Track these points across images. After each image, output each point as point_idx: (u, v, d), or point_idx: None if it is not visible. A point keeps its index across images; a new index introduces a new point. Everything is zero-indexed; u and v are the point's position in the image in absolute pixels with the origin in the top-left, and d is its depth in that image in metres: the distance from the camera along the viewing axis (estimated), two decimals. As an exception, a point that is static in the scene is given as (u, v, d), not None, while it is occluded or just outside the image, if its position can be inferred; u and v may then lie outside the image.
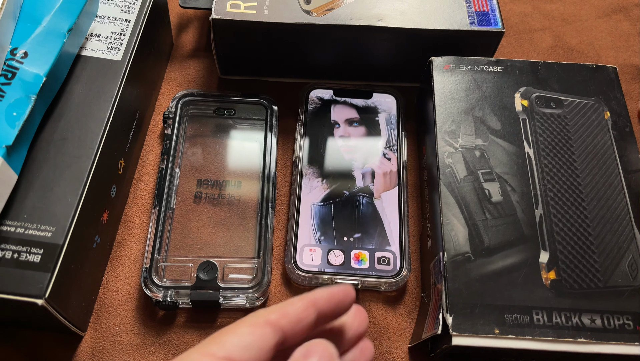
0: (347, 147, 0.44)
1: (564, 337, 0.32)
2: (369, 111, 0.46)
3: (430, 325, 0.35)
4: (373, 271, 0.38)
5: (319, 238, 0.40)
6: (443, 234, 0.35)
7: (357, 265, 0.39)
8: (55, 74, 0.35)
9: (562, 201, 0.37)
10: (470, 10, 0.43)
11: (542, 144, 0.39)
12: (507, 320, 0.33)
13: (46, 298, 0.30)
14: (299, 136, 0.44)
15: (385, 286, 0.38)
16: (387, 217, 0.41)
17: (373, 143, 0.44)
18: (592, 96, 0.41)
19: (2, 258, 0.31)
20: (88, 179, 0.34)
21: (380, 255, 0.39)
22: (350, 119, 0.45)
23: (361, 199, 0.41)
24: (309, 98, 0.46)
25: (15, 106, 0.32)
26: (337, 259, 0.39)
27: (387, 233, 0.40)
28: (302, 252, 0.39)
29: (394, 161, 0.43)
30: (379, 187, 0.42)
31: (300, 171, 0.42)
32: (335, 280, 0.38)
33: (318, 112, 0.45)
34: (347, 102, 0.46)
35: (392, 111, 0.45)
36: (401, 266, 0.39)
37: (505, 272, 0.34)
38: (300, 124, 0.44)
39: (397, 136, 0.44)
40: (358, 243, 0.39)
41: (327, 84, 0.47)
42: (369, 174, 0.42)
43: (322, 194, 0.41)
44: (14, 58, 0.33)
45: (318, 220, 0.40)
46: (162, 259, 0.38)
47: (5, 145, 0.31)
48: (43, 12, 0.35)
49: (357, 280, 0.38)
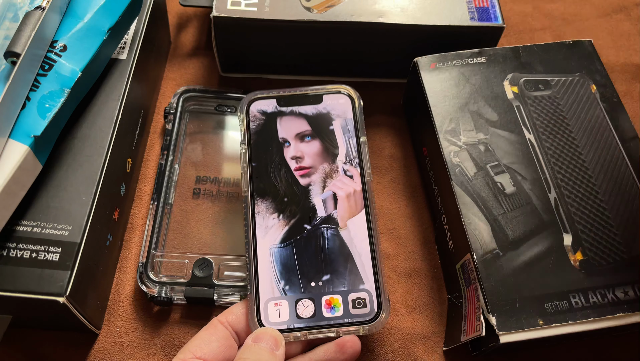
0: (301, 169, 0.38)
1: (604, 315, 0.33)
2: (321, 119, 0.39)
3: (470, 327, 0.35)
4: (348, 318, 0.34)
5: (284, 289, 0.34)
6: (467, 234, 0.35)
7: (329, 313, 0.34)
8: (90, 72, 0.35)
9: (572, 181, 0.37)
10: (471, 6, 0.43)
11: (540, 128, 0.39)
12: (547, 309, 0.33)
13: (67, 295, 0.31)
14: (244, 165, 0.38)
15: (365, 331, 0.34)
16: (356, 249, 0.35)
17: (330, 159, 0.38)
18: (575, 72, 0.42)
19: (21, 257, 0.31)
20: (100, 178, 0.35)
21: (354, 297, 0.34)
22: (300, 133, 0.39)
23: (325, 232, 0.36)
24: (250, 114, 0.39)
25: (49, 98, 0.33)
26: (306, 311, 0.34)
27: (359, 269, 0.35)
28: (266, 308, 0.34)
29: (357, 178, 0.37)
30: (344, 213, 0.36)
31: (251, 209, 0.36)
32: (308, 336, 0.33)
33: (262, 131, 0.39)
34: (295, 112, 0.39)
35: (347, 115, 0.39)
36: (379, 307, 0.34)
37: (535, 261, 0.35)
38: (244, 150, 0.38)
39: (356, 146, 0.38)
40: (328, 287, 0.34)
41: (267, 94, 0.40)
42: (331, 199, 0.37)
43: (280, 233, 0.36)
44: (53, 51, 0.34)
45: (280, 267, 0.35)
46: (159, 255, 0.38)
47: (34, 135, 0.31)
48: (86, 8, 0.36)
49: (333, 331, 0.33)
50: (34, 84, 0.33)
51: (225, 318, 0.34)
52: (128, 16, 0.38)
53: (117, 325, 0.37)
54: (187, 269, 0.38)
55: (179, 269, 0.38)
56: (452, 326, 0.38)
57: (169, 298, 0.37)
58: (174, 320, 0.38)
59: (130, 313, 0.38)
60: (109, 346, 0.37)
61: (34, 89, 0.33)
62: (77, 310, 0.32)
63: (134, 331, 0.37)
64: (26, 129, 0.31)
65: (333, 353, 0.34)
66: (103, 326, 0.37)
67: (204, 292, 0.37)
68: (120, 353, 0.37)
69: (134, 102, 0.40)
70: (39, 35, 0.33)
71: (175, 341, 0.37)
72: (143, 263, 0.37)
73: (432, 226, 0.43)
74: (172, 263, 0.38)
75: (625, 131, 0.39)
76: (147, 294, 0.37)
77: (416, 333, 0.38)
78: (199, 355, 0.31)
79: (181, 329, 0.38)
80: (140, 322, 0.38)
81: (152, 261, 0.38)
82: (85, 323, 0.34)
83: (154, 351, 0.37)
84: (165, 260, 0.38)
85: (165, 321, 0.38)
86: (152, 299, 0.37)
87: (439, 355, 0.38)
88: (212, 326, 0.33)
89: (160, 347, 0.37)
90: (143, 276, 0.37)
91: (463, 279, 0.37)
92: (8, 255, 0.31)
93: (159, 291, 0.37)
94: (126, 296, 0.39)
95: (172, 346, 0.37)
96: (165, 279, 0.37)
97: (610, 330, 0.34)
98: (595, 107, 0.40)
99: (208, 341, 0.32)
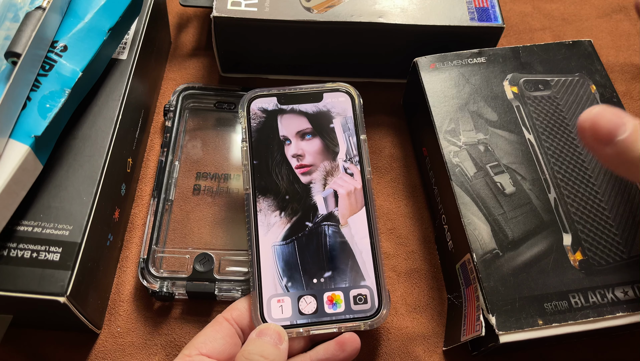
0: (302, 167, 0.38)
1: (603, 315, 0.33)
2: (321, 117, 0.40)
3: (470, 327, 0.35)
4: (350, 314, 0.34)
5: (286, 285, 0.35)
6: (467, 234, 0.35)
7: (331, 310, 0.35)
8: (91, 72, 0.36)
9: (571, 181, 0.37)
10: (470, 6, 0.43)
11: (540, 128, 0.39)
12: (547, 309, 0.33)
13: (67, 295, 0.31)
14: (246, 162, 0.38)
15: (366, 326, 0.34)
16: (357, 246, 0.36)
17: (331, 157, 0.38)
18: (575, 72, 0.42)
19: (22, 257, 0.31)
20: (101, 178, 0.35)
21: (355, 293, 0.35)
22: (301, 131, 0.39)
23: (327, 229, 0.36)
24: (251, 112, 0.40)
25: (49, 98, 0.33)
26: (309, 307, 0.34)
27: (359, 266, 0.36)
28: (269, 304, 0.34)
29: (357, 176, 0.38)
30: (345, 211, 0.37)
31: (253, 206, 0.37)
32: (310, 331, 0.34)
33: (263, 128, 0.39)
34: (296, 110, 0.40)
35: (347, 113, 0.40)
36: (380, 302, 0.35)
37: (534, 261, 0.35)
38: (245, 147, 0.38)
39: (356, 144, 0.39)
40: (330, 283, 0.35)
41: (268, 92, 0.40)
42: (332, 197, 0.37)
43: (282, 231, 0.36)
44: (54, 51, 0.34)
45: (282, 264, 0.35)
46: (160, 251, 0.39)
47: (35, 135, 0.31)
48: (87, 8, 0.36)
49: (335, 327, 0.34)
50: (35, 84, 0.33)
51: (230, 314, 0.34)
52: (128, 16, 0.38)
53: (117, 325, 0.38)
54: (188, 264, 0.38)
55: (180, 265, 0.38)
56: (451, 326, 0.38)
57: (171, 293, 0.37)
58: (175, 317, 0.38)
59: (131, 313, 0.38)
60: (109, 346, 0.37)
61: (34, 89, 0.33)
62: (77, 310, 0.32)
63: (134, 331, 0.37)
64: (27, 129, 0.31)
65: (333, 351, 0.34)
66: (104, 326, 0.37)
67: (205, 287, 0.37)
68: (121, 353, 0.37)
69: (135, 102, 0.40)
70: (39, 35, 0.33)
71: (176, 341, 0.37)
72: (144, 258, 0.38)
73: (432, 226, 0.43)
74: (173, 258, 0.39)
75: (624, 131, 0.39)
76: (148, 290, 0.37)
77: (416, 332, 0.38)
78: (204, 351, 0.32)
79: (182, 329, 0.38)
80: (141, 322, 0.38)
81: (153, 257, 0.38)
82: (86, 323, 0.34)
83: (154, 351, 0.37)
84: (166, 256, 0.39)
85: (166, 319, 0.38)
86: (154, 295, 0.37)
87: (438, 355, 0.38)
88: (218, 323, 0.34)
89: (161, 347, 0.37)
90: (144, 272, 0.37)
91: (463, 279, 0.37)
92: (9, 255, 0.31)
93: (160, 287, 0.37)
94: (127, 296, 0.39)
95: (173, 345, 0.37)
96: (167, 275, 0.37)
97: (610, 330, 0.34)
98: (595, 108, 0.40)
99: (213, 338, 0.33)
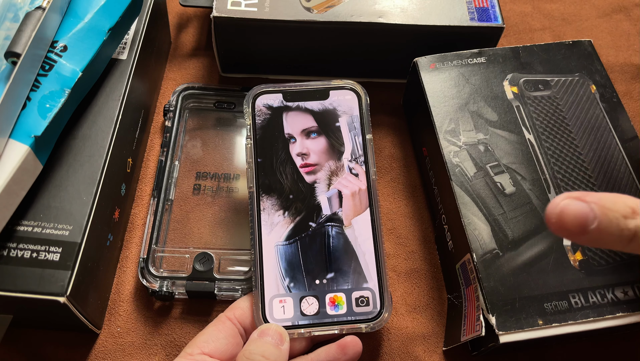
0: (307, 166, 0.38)
1: (604, 315, 0.33)
2: (327, 115, 0.39)
3: (470, 327, 0.35)
4: (352, 316, 0.34)
5: (289, 286, 0.35)
6: (467, 234, 0.35)
7: (333, 311, 0.34)
8: (91, 72, 0.36)
9: (571, 181, 0.37)
10: (470, 6, 0.43)
11: (540, 128, 0.39)
12: (547, 309, 0.33)
13: (67, 295, 0.31)
14: (250, 160, 0.37)
15: (367, 328, 0.34)
16: (360, 248, 0.36)
17: (336, 157, 0.38)
18: (575, 72, 0.42)
19: (21, 257, 0.31)
20: (101, 178, 0.35)
21: (357, 295, 0.35)
22: (307, 129, 0.39)
23: (330, 230, 0.36)
24: (256, 108, 0.39)
25: (49, 98, 0.33)
26: (310, 308, 0.34)
27: (362, 268, 0.35)
28: (271, 305, 0.34)
29: (362, 177, 0.37)
30: (349, 212, 0.37)
31: (257, 205, 0.36)
32: (312, 333, 0.34)
33: (268, 126, 0.38)
34: (301, 108, 0.39)
35: (353, 112, 0.39)
36: (382, 305, 0.35)
37: (535, 261, 0.35)
38: (250, 144, 0.38)
39: (362, 144, 0.38)
40: (332, 285, 0.35)
41: (274, 88, 0.40)
42: (336, 197, 0.37)
43: (285, 230, 0.36)
44: (53, 51, 0.34)
45: (285, 264, 0.35)
46: (160, 250, 0.39)
47: (35, 135, 0.31)
48: (87, 8, 0.36)
49: (336, 328, 0.34)
50: (35, 84, 0.33)
51: (233, 313, 0.34)
52: (128, 16, 0.39)
53: (117, 325, 0.38)
54: (188, 263, 0.38)
55: (180, 264, 0.38)
56: (451, 326, 0.38)
57: (171, 293, 0.37)
58: (175, 316, 0.38)
59: (131, 313, 0.38)
60: (109, 346, 0.37)
61: (34, 89, 0.33)
62: (77, 310, 0.32)
63: (134, 331, 0.37)
64: (27, 129, 0.31)
65: (335, 354, 0.34)
66: (103, 326, 0.37)
67: (205, 286, 0.37)
68: (121, 353, 0.37)
69: (135, 102, 0.40)
70: (39, 35, 0.33)
71: (176, 341, 0.37)
72: (144, 258, 0.38)
73: (432, 226, 0.43)
74: (173, 258, 0.39)
75: (624, 131, 0.39)
76: (148, 289, 0.37)
77: (416, 333, 0.38)
78: (206, 350, 0.32)
79: (182, 328, 0.38)
80: (141, 322, 0.38)
81: (153, 256, 0.38)
82: (86, 323, 0.34)
83: (155, 351, 0.37)
84: (166, 255, 0.39)
85: (166, 319, 0.38)
86: (154, 294, 0.37)
87: (438, 355, 0.38)
88: (220, 322, 0.34)
89: (161, 347, 0.37)
90: (144, 271, 0.37)
91: (463, 279, 0.37)
92: (9, 255, 0.31)
93: (160, 286, 0.37)
94: (127, 296, 0.39)
95: (173, 345, 0.37)
96: (167, 274, 0.37)
97: (610, 330, 0.34)
98: (594, 107, 0.40)
99: (216, 337, 0.33)
